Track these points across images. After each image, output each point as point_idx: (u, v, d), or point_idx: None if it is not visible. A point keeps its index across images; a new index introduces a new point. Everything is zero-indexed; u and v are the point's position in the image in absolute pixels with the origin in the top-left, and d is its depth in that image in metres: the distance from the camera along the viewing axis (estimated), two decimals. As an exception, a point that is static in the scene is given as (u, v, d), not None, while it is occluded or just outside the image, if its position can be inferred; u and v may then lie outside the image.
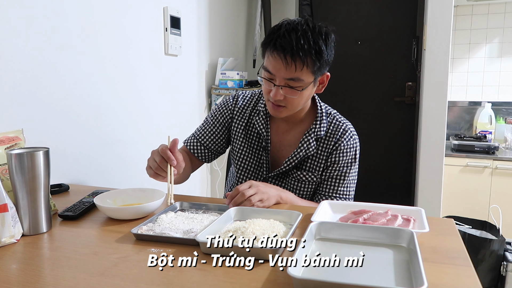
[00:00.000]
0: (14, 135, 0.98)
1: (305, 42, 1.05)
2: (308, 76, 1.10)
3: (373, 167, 2.96)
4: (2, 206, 0.81)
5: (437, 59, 2.35)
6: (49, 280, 0.68)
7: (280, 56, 1.06)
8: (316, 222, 0.83)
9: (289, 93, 1.10)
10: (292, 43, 1.04)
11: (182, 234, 0.84)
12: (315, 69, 1.09)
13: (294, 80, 1.09)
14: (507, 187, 2.56)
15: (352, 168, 1.25)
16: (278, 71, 1.08)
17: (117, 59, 1.63)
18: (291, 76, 1.08)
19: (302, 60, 1.06)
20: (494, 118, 2.92)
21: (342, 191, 1.24)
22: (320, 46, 1.07)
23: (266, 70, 1.11)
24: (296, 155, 1.22)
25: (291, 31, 1.06)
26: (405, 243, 0.78)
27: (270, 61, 1.09)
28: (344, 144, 1.22)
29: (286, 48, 1.05)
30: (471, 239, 2.18)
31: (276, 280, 0.66)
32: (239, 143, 1.31)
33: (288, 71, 1.07)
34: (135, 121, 1.76)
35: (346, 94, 2.95)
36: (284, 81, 1.09)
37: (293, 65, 1.06)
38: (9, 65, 1.20)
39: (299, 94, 1.11)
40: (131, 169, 1.73)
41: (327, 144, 1.23)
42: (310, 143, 1.22)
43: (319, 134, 1.22)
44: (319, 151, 1.24)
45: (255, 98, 1.32)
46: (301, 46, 1.04)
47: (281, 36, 1.06)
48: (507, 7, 2.92)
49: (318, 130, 1.22)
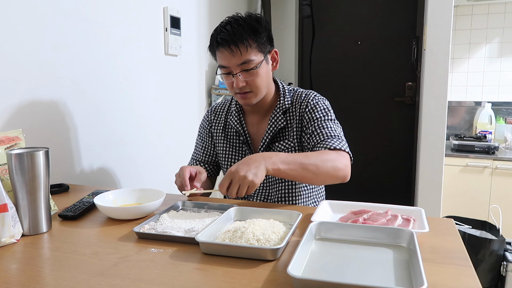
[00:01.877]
0: (14, 135, 0.98)
1: (240, 27, 1.17)
2: (256, 55, 1.20)
3: (373, 167, 2.96)
4: (2, 206, 0.81)
5: (437, 59, 2.35)
6: (49, 280, 0.68)
7: (225, 48, 1.18)
8: (316, 222, 0.83)
9: (247, 77, 1.20)
10: (229, 32, 1.17)
11: (184, 233, 0.85)
12: (259, 47, 1.21)
13: (246, 63, 1.19)
14: (507, 187, 2.56)
15: (329, 115, 1.26)
16: (230, 61, 1.19)
17: (117, 59, 1.63)
18: (242, 60, 1.18)
19: (244, 43, 1.17)
20: (494, 118, 2.92)
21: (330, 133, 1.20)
22: (254, 26, 1.19)
23: (221, 66, 1.22)
24: (268, 130, 1.30)
25: (225, 25, 1.19)
26: (405, 243, 0.78)
27: (219, 56, 1.21)
28: (310, 101, 1.29)
29: (227, 39, 1.17)
30: (471, 239, 2.18)
31: (276, 280, 0.66)
32: (221, 145, 1.39)
33: (237, 57, 1.18)
34: (135, 121, 1.76)
35: (346, 94, 2.95)
36: (238, 68, 1.19)
37: (238, 51, 1.17)
38: (9, 65, 1.20)
39: (255, 73, 1.20)
40: (131, 169, 1.73)
41: (295, 110, 1.30)
42: (278, 117, 1.30)
43: (284, 107, 1.30)
44: (289, 121, 1.31)
45: (228, 102, 1.43)
46: (237, 32, 1.17)
47: (219, 33, 1.19)
48: (507, 7, 2.92)
49: (283, 104, 1.31)
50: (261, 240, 0.77)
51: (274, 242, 0.78)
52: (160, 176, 1.95)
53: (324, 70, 2.99)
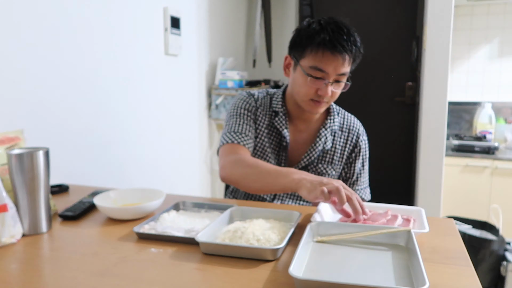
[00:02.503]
0: (14, 135, 0.98)
1: (353, 38, 1.13)
2: (349, 69, 1.17)
3: (373, 167, 2.95)
4: (2, 206, 0.81)
5: (437, 59, 2.35)
6: (49, 280, 0.68)
7: (335, 53, 1.11)
8: (315, 222, 0.83)
9: (337, 88, 1.17)
10: (343, 40, 1.11)
11: (184, 233, 0.85)
12: (354, 62, 1.18)
13: (344, 75, 1.16)
14: (507, 187, 2.56)
15: (368, 161, 1.37)
16: (334, 68, 1.12)
17: (117, 59, 1.63)
18: (343, 71, 1.14)
19: (353, 54, 1.14)
20: (494, 118, 2.92)
21: (363, 182, 1.36)
22: (358, 39, 1.16)
23: (317, 68, 1.13)
24: (315, 149, 1.26)
25: (339, 29, 1.12)
26: (403, 242, 0.78)
27: (321, 58, 1.12)
28: (362, 139, 1.32)
29: (343, 45, 1.10)
30: (471, 239, 2.18)
31: (276, 280, 0.66)
32: (263, 143, 1.28)
33: (342, 67, 1.13)
34: (135, 121, 1.76)
35: (346, 94, 2.94)
36: (334, 77, 1.15)
37: (346, 61, 1.13)
38: (9, 65, 1.20)
39: (342, 87, 1.19)
40: (131, 169, 1.73)
41: (343, 139, 1.30)
42: (327, 137, 1.27)
43: (334, 129, 1.29)
44: (336, 145, 1.29)
45: (269, 98, 1.31)
46: (353, 42, 1.12)
47: (332, 35, 1.11)
48: (507, 7, 2.92)
49: (333, 125, 1.29)
50: (261, 240, 0.77)
51: (274, 242, 0.78)
52: (160, 176, 1.95)
53: (324, 70, 2.99)
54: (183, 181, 2.18)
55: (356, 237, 0.81)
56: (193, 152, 2.25)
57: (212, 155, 2.44)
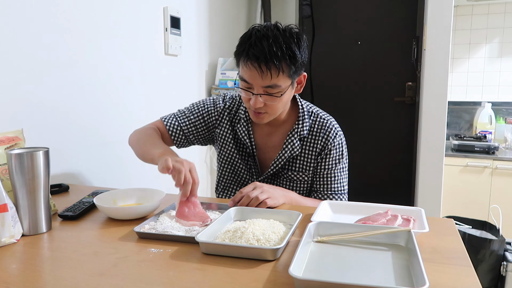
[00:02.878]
0: (14, 135, 0.98)
1: (278, 48, 1.04)
2: (285, 81, 1.09)
3: (373, 167, 2.96)
4: (2, 206, 0.81)
5: (437, 59, 2.35)
6: (49, 280, 0.68)
7: (254, 65, 1.05)
8: (315, 222, 0.83)
9: (268, 100, 1.10)
10: (264, 51, 1.03)
11: (184, 232, 0.85)
12: (291, 73, 1.09)
13: (272, 87, 1.08)
14: (507, 187, 2.56)
15: (341, 164, 1.26)
16: (255, 80, 1.08)
17: (117, 59, 1.63)
18: (268, 83, 1.07)
19: (277, 67, 1.05)
20: (494, 118, 2.92)
21: (337, 187, 1.26)
22: (293, 50, 1.06)
23: (243, 79, 1.11)
24: (282, 156, 1.23)
25: (262, 39, 1.04)
26: (403, 242, 0.78)
27: (245, 71, 1.08)
28: (331, 142, 1.23)
29: (260, 57, 1.04)
30: (471, 239, 2.18)
31: (276, 280, 0.66)
32: (229, 149, 1.30)
33: (264, 79, 1.07)
34: (135, 120, 1.76)
35: (346, 94, 2.95)
36: (262, 89, 1.09)
37: (269, 73, 1.05)
38: (9, 65, 1.20)
39: (277, 99, 1.11)
40: (131, 169, 1.73)
41: (313, 143, 1.25)
42: (294, 143, 1.23)
43: (302, 134, 1.23)
44: (306, 150, 1.25)
45: (236, 103, 1.31)
46: (274, 53, 1.03)
47: (253, 45, 1.05)
48: (507, 7, 2.92)
49: (301, 130, 1.23)
50: (261, 240, 0.77)
51: (274, 242, 0.78)
52: (160, 176, 1.94)
53: (324, 70, 2.99)
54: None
55: (356, 237, 0.81)
56: (192, 152, 2.25)
57: (212, 155, 2.44)
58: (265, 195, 1.02)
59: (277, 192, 1.08)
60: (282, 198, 1.09)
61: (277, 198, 1.06)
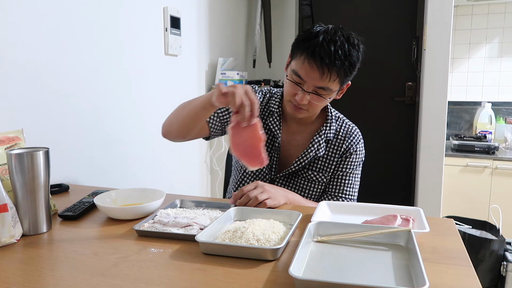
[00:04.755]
0: (14, 135, 0.98)
1: (342, 54, 1.07)
2: (336, 86, 1.13)
3: (373, 167, 2.95)
4: (2, 206, 0.81)
5: (437, 59, 2.35)
6: (49, 280, 0.68)
7: (317, 65, 1.07)
8: (314, 222, 0.83)
9: (315, 100, 1.13)
10: (331, 54, 1.06)
11: (184, 231, 0.85)
12: (344, 80, 1.14)
13: (324, 89, 1.12)
14: (507, 187, 2.56)
15: (358, 170, 1.29)
16: (311, 79, 1.10)
17: (117, 59, 1.63)
18: (323, 85, 1.11)
19: (337, 72, 1.09)
20: (494, 118, 2.92)
21: (348, 191, 1.27)
22: (354, 58, 1.11)
23: (297, 74, 1.12)
24: (306, 155, 1.24)
25: (330, 42, 1.07)
26: (403, 242, 0.78)
27: (303, 67, 1.10)
28: (354, 147, 1.27)
29: (324, 59, 1.06)
30: (471, 239, 2.18)
31: (276, 280, 0.66)
32: None
33: (321, 80, 1.09)
34: (135, 121, 1.76)
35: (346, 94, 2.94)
36: (313, 88, 1.12)
37: (328, 76, 1.09)
38: (10, 65, 1.20)
39: (324, 101, 1.15)
40: (131, 169, 1.73)
41: (338, 146, 1.27)
42: (320, 144, 1.24)
43: (328, 136, 1.25)
44: (329, 152, 1.26)
45: (267, 97, 1.32)
46: (338, 58, 1.07)
47: (319, 45, 1.07)
48: (507, 7, 2.92)
49: (328, 132, 1.26)
50: (261, 240, 0.77)
51: (274, 242, 0.78)
52: (160, 176, 1.95)
53: (324, 70, 2.99)
54: (183, 181, 2.18)
55: (356, 237, 0.81)
56: (193, 152, 2.25)
57: (212, 155, 2.44)
58: (265, 195, 1.02)
59: (278, 193, 1.08)
60: (283, 198, 1.09)
61: (277, 199, 1.06)
